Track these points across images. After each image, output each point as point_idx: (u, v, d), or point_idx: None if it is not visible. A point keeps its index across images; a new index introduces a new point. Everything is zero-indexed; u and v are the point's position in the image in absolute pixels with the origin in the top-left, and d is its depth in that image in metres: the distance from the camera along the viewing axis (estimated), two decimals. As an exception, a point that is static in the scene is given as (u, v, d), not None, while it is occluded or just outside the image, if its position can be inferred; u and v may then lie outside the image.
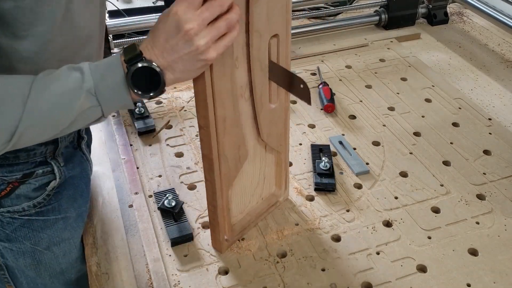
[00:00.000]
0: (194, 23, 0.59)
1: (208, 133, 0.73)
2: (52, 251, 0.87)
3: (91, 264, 0.88)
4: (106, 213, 0.97)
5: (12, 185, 0.77)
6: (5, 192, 0.77)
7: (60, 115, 0.62)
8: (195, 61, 0.62)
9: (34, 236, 0.84)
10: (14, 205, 0.79)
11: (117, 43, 1.37)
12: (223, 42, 0.63)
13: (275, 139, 0.87)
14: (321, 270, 0.84)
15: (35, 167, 0.78)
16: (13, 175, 0.77)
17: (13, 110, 0.59)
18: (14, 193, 0.78)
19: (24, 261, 0.86)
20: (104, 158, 1.09)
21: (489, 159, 1.08)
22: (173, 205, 0.92)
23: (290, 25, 0.78)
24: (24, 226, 0.82)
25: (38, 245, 0.85)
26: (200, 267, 0.85)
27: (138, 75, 0.62)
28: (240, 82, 0.74)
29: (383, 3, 1.61)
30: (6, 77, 0.61)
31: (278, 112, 0.84)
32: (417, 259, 0.87)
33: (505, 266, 0.85)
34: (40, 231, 0.84)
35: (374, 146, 1.12)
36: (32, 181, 0.79)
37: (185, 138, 1.13)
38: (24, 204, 0.80)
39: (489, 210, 0.96)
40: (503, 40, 1.59)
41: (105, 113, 0.65)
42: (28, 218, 0.82)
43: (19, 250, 0.84)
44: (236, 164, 0.80)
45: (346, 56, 1.45)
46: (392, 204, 0.97)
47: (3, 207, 0.78)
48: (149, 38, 0.63)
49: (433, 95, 1.28)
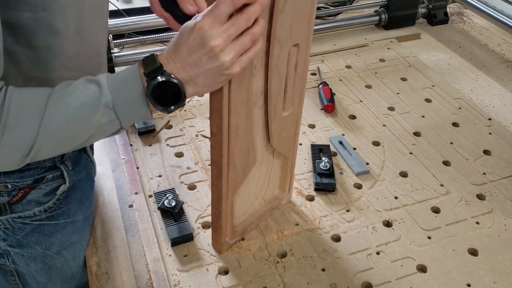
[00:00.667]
0: (220, 39, 0.58)
1: (220, 141, 0.72)
2: (63, 255, 0.87)
3: (91, 264, 0.88)
4: (106, 213, 0.97)
5: (24, 191, 0.77)
6: (17, 198, 0.77)
7: (77, 129, 0.62)
8: (218, 76, 0.61)
9: (45, 241, 0.84)
10: (25, 210, 0.79)
11: (117, 43, 1.37)
12: (247, 56, 0.62)
13: (284, 145, 0.86)
14: (321, 270, 0.84)
15: (45, 172, 0.78)
16: (24, 181, 0.77)
17: (30, 125, 0.60)
18: (26, 199, 0.78)
19: (36, 267, 0.86)
20: (104, 158, 1.09)
21: (489, 159, 1.08)
22: (173, 205, 0.92)
23: (311, 35, 0.77)
24: (35, 231, 0.82)
25: (49, 250, 0.85)
26: (200, 267, 0.85)
27: (158, 89, 0.61)
28: (255, 90, 0.73)
29: (383, 3, 1.61)
30: (22, 90, 0.61)
31: (289, 119, 0.84)
32: (417, 259, 0.87)
33: (505, 266, 0.85)
34: (50, 236, 0.84)
35: (374, 146, 1.12)
36: (42, 186, 0.79)
37: (185, 138, 1.14)
38: (35, 209, 0.80)
39: (489, 210, 0.96)
40: (503, 40, 1.59)
41: (124, 126, 0.64)
42: (39, 223, 0.82)
43: (30, 255, 0.84)
44: (244, 170, 0.80)
45: (346, 56, 1.45)
46: (392, 204, 0.97)
47: (14, 213, 0.78)
48: (170, 50, 0.62)
49: (433, 95, 1.28)
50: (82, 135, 0.63)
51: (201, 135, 1.14)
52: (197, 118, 1.19)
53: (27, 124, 0.60)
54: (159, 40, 1.43)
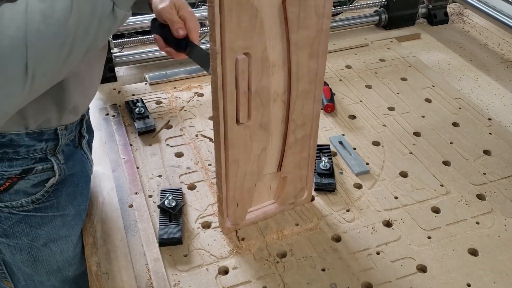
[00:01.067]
0: None
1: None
2: (49, 248, 0.87)
3: (91, 264, 0.88)
4: (106, 213, 0.97)
5: (11, 181, 0.77)
6: (4, 187, 0.77)
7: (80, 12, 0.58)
8: None
9: (31, 232, 0.84)
10: (12, 200, 0.79)
11: (117, 43, 1.37)
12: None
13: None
14: (321, 270, 0.84)
15: (35, 163, 0.78)
16: (13, 170, 0.77)
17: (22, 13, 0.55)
18: (13, 189, 0.78)
19: (21, 257, 0.86)
20: (104, 158, 1.09)
21: (489, 159, 1.08)
22: (173, 205, 0.92)
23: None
24: (22, 222, 0.82)
25: (35, 242, 0.85)
26: (200, 267, 0.85)
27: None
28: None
29: (383, 3, 1.61)
30: None
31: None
32: (417, 259, 0.87)
33: (505, 266, 0.85)
34: (37, 228, 0.84)
35: (374, 146, 1.12)
36: (31, 177, 0.79)
37: (185, 138, 1.14)
38: (22, 199, 0.80)
39: (489, 210, 0.96)
40: (503, 40, 1.59)
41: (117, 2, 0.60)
42: (26, 214, 0.82)
43: (16, 245, 0.84)
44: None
45: (346, 56, 1.45)
46: (392, 204, 0.97)
47: (1, 202, 0.79)
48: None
49: (433, 95, 1.28)
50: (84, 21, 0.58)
51: (201, 135, 1.14)
52: (197, 118, 1.19)
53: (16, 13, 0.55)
54: (159, 40, 1.43)
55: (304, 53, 0.75)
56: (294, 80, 0.77)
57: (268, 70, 0.74)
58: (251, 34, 0.68)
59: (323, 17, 0.74)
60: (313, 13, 0.72)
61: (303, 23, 0.72)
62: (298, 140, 0.85)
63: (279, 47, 0.73)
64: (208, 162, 1.06)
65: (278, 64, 0.74)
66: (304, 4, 0.71)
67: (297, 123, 0.82)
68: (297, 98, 0.79)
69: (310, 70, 0.78)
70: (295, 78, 0.77)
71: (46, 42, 0.57)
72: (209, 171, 1.04)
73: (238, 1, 0.64)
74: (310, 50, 0.76)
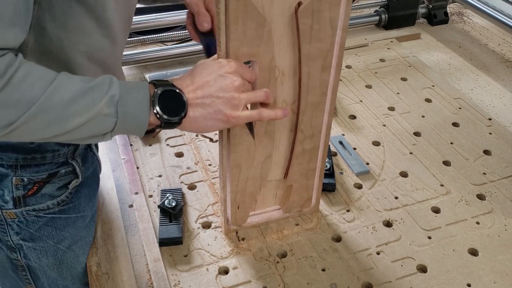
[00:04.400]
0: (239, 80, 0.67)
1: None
2: (73, 250, 0.88)
3: (91, 264, 0.88)
4: (106, 213, 0.97)
5: (38, 185, 0.79)
6: (32, 192, 0.79)
7: (77, 109, 0.61)
8: (220, 111, 0.67)
9: (57, 235, 0.85)
10: (39, 203, 0.81)
11: (117, 43, 1.36)
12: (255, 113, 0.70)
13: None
14: (321, 270, 0.84)
15: (58, 167, 0.80)
16: (40, 175, 0.78)
17: (33, 89, 0.59)
18: (40, 192, 0.80)
19: (47, 261, 0.87)
20: (104, 158, 1.08)
21: (489, 159, 1.08)
22: (173, 205, 0.92)
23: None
24: (48, 224, 0.83)
25: (60, 244, 0.86)
26: (200, 267, 0.85)
27: (164, 98, 0.65)
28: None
29: (383, 3, 1.61)
30: (35, 64, 0.61)
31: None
32: (417, 259, 0.87)
33: (505, 266, 0.85)
34: (62, 229, 0.85)
35: (374, 146, 1.12)
36: (56, 181, 0.81)
37: (185, 138, 1.14)
38: (48, 202, 0.82)
39: (489, 210, 0.96)
40: (503, 40, 1.59)
41: (116, 128, 0.65)
42: (52, 217, 0.83)
43: (42, 249, 0.85)
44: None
45: (346, 56, 1.45)
46: (392, 204, 0.97)
47: (28, 206, 0.80)
48: (183, 76, 0.69)
49: (433, 95, 1.28)
50: (78, 117, 0.62)
51: (201, 135, 1.14)
52: (197, 118, 1.19)
53: (30, 87, 0.59)
54: (159, 40, 1.43)
55: (317, 65, 0.74)
56: (304, 91, 0.76)
57: (275, 79, 0.73)
58: (258, 43, 0.68)
59: (339, 30, 0.72)
60: (328, 25, 0.70)
61: (316, 35, 0.70)
62: (306, 151, 0.84)
63: (289, 57, 0.72)
64: (208, 162, 1.06)
65: (288, 73, 0.73)
66: (318, 16, 0.69)
67: (305, 134, 0.81)
68: (306, 108, 0.78)
69: (322, 82, 0.76)
70: (305, 89, 0.75)
71: (40, 121, 0.60)
72: (209, 171, 1.04)
73: (245, 10, 0.64)
74: (323, 63, 0.74)
